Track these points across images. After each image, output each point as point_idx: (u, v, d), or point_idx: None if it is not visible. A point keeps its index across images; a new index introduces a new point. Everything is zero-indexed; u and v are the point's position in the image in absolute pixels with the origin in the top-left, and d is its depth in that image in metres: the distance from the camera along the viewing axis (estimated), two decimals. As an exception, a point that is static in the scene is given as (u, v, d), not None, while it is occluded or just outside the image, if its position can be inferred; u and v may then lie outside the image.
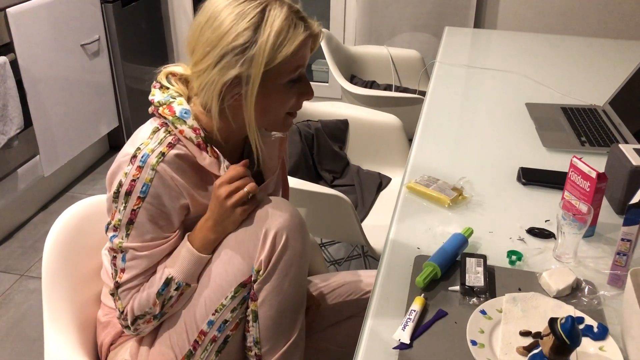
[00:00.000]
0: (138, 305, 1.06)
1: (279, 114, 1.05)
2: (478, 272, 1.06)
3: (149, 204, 1.02)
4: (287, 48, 0.97)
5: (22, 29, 2.38)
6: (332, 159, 2.08)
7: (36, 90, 2.49)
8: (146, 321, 1.08)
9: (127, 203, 1.02)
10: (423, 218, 1.26)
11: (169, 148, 1.01)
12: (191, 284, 1.06)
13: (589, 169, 1.16)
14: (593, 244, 1.19)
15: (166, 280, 1.04)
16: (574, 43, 2.47)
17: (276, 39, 0.96)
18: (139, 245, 1.04)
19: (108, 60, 2.95)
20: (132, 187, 1.01)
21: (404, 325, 0.95)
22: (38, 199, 2.70)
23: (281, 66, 0.98)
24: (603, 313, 1.00)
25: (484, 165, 1.49)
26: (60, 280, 1.19)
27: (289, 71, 1.00)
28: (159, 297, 1.04)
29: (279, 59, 0.97)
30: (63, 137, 2.69)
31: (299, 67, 1.01)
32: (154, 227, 1.04)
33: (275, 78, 0.99)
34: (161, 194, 1.02)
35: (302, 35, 0.98)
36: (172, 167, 1.01)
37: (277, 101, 1.03)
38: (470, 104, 1.87)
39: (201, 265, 1.06)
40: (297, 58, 0.99)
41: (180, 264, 1.05)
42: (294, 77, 1.01)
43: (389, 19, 3.16)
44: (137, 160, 1.01)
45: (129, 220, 1.03)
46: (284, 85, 1.01)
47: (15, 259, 2.38)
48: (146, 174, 1.00)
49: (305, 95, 1.05)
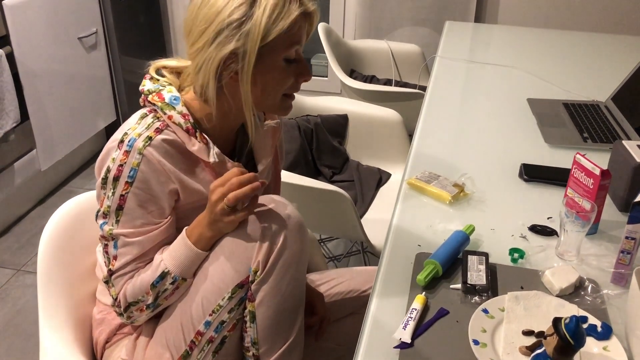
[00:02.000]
0: (131, 292, 1.05)
1: (277, 94, 1.04)
2: (480, 270, 1.05)
3: (138, 189, 1.01)
4: (283, 23, 0.97)
5: (18, 21, 2.35)
6: (332, 154, 2.07)
7: (33, 83, 2.46)
8: (139, 309, 1.06)
9: (116, 189, 1.01)
10: (424, 215, 1.25)
11: (156, 133, 1.01)
12: (187, 278, 1.05)
13: (592, 165, 1.14)
14: (596, 241, 1.17)
15: (162, 273, 1.03)
16: (575, 38, 2.45)
17: (271, 13, 0.96)
18: (130, 232, 1.03)
19: (105, 53, 2.93)
20: (120, 172, 1.00)
21: (404, 324, 0.94)
22: (35, 194, 2.68)
23: (277, 42, 0.98)
24: (607, 312, 0.99)
25: (486, 161, 1.47)
26: (56, 277, 1.17)
27: (284, 47, 0.99)
28: (153, 288, 1.03)
29: (273, 34, 0.97)
30: (60, 131, 2.67)
31: (294, 44, 1.00)
32: (144, 212, 1.03)
33: (271, 54, 0.99)
34: (149, 179, 1.01)
35: (297, 11, 0.98)
36: (159, 151, 1.00)
37: (274, 79, 1.02)
38: (471, 99, 1.85)
39: (198, 261, 1.05)
40: (292, 35, 0.99)
41: (177, 257, 1.03)
42: (290, 55, 1.01)
43: (389, 13, 3.13)
44: (124, 145, 1.00)
45: (118, 206, 1.02)
46: (280, 63, 1.01)
47: (12, 254, 2.36)
48: (133, 158, 1.00)
49: (302, 76, 1.04)
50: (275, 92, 1.04)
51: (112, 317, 1.15)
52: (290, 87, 1.05)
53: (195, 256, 1.04)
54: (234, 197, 0.97)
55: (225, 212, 0.99)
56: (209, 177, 1.06)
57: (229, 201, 0.97)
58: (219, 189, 0.99)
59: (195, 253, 1.03)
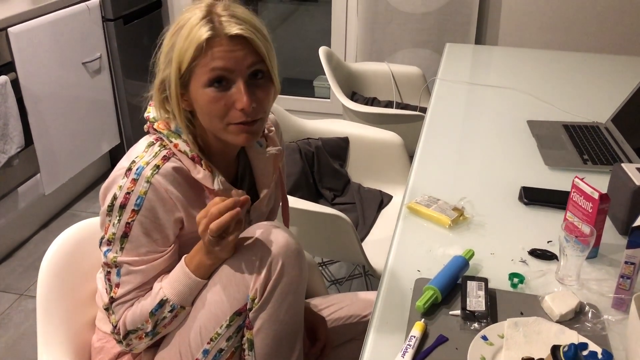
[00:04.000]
0: (131, 319, 1.05)
1: (214, 122, 1.01)
2: (479, 296, 1.04)
3: (144, 217, 1.01)
4: (192, 48, 0.96)
5: (23, 47, 2.38)
6: (333, 176, 2.07)
7: (37, 108, 2.49)
8: (138, 337, 1.06)
9: (122, 216, 1.01)
10: (423, 239, 1.25)
11: (163, 161, 1.02)
12: (186, 306, 1.05)
13: (591, 189, 1.14)
14: (596, 265, 1.17)
15: (161, 301, 1.03)
16: (575, 59, 2.46)
17: (184, 39, 0.97)
18: (134, 260, 1.03)
19: (109, 77, 2.96)
20: (127, 200, 1.01)
21: (403, 351, 0.93)
22: (38, 217, 2.69)
23: (195, 68, 0.98)
24: (607, 338, 0.98)
25: (485, 184, 1.47)
26: (55, 303, 1.17)
27: (202, 73, 0.98)
28: (152, 316, 1.03)
29: (186, 60, 0.97)
30: (64, 155, 2.69)
31: (214, 69, 0.97)
32: (149, 240, 1.03)
33: (195, 81, 0.99)
34: (156, 207, 1.01)
35: (205, 35, 0.96)
36: (167, 179, 1.01)
37: (202, 107, 1.00)
38: (472, 121, 1.86)
39: (197, 290, 1.05)
40: (209, 60, 0.97)
41: (176, 286, 1.03)
42: (211, 79, 0.97)
43: (390, 35, 3.16)
44: (132, 173, 1.01)
45: (123, 233, 1.02)
46: (202, 90, 0.99)
47: (15, 278, 2.37)
48: (140, 187, 1.00)
49: (237, 103, 0.98)
50: (211, 120, 1.01)
51: (111, 346, 1.14)
52: (232, 116, 1.00)
53: (194, 284, 1.04)
54: (216, 228, 0.96)
55: (213, 242, 0.99)
56: None
57: (212, 232, 0.97)
58: (202, 221, 0.98)
59: (194, 281, 1.04)
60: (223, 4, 1.00)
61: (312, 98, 3.70)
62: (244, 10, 1.01)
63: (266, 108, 1.03)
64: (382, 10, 3.10)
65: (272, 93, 1.04)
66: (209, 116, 1.01)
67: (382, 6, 3.09)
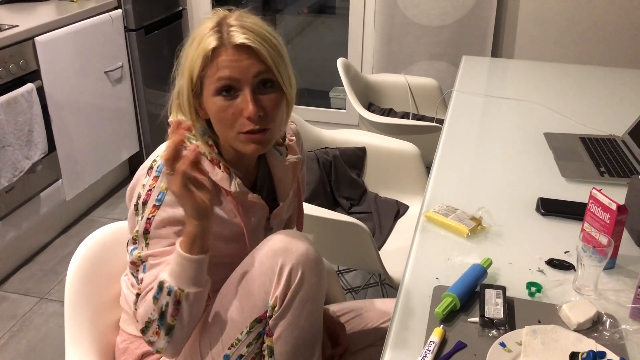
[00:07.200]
0: (143, 309, 1.03)
1: (226, 131, 1.03)
2: (497, 304, 1.06)
3: (164, 212, 1.03)
4: (199, 59, 1.00)
5: (49, 56, 2.44)
6: (350, 186, 2.09)
7: (60, 116, 2.54)
8: (154, 332, 1.02)
9: (144, 212, 1.04)
10: (441, 248, 1.26)
11: None
12: (185, 289, 0.99)
13: (609, 201, 1.16)
14: (614, 276, 1.18)
15: (159, 284, 1.00)
16: (592, 73, 2.47)
17: (194, 51, 1.01)
18: (158, 252, 1.04)
19: (130, 86, 3.02)
20: (149, 196, 1.04)
21: (422, 356, 0.95)
22: (59, 223, 2.74)
23: (204, 78, 1.01)
24: (625, 348, 0.99)
25: (503, 195, 1.49)
26: (82, 305, 1.20)
27: (211, 82, 1.00)
28: (155, 301, 1.00)
29: (196, 70, 1.00)
30: (85, 161, 2.74)
31: (221, 78, 0.99)
32: (170, 232, 1.04)
33: (205, 90, 1.02)
34: (176, 201, 1.01)
35: (211, 45, 0.98)
36: None
37: (214, 115, 1.03)
38: (489, 132, 1.88)
39: (189, 267, 0.99)
40: (214, 69, 0.99)
41: (170, 266, 1.00)
42: (219, 88, 1.00)
43: (407, 47, 3.19)
44: (154, 171, 1.04)
45: (144, 229, 1.04)
46: (212, 99, 1.01)
47: (36, 282, 2.41)
48: (162, 183, 1.03)
49: (244, 112, 1.00)
50: (223, 128, 1.03)
51: (135, 347, 1.17)
52: (241, 125, 1.01)
53: (184, 261, 0.99)
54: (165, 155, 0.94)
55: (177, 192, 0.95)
56: (229, 206, 1.09)
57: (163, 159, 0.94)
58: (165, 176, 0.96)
59: (180, 256, 0.99)
60: (236, 15, 1.03)
61: (328, 109, 3.73)
62: (255, 20, 1.03)
63: (275, 117, 1.04)
64: (398, 22, 3.14)
65: (282, 103, 1.05)
66: (220, 124, 1.04)
67: (398, 19, 3.13)
